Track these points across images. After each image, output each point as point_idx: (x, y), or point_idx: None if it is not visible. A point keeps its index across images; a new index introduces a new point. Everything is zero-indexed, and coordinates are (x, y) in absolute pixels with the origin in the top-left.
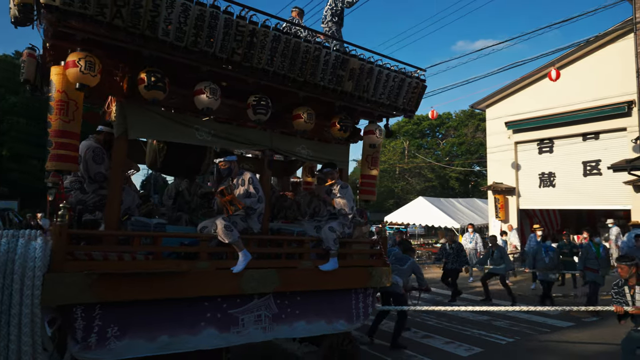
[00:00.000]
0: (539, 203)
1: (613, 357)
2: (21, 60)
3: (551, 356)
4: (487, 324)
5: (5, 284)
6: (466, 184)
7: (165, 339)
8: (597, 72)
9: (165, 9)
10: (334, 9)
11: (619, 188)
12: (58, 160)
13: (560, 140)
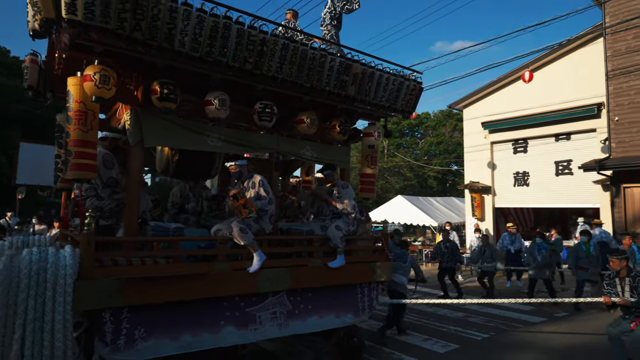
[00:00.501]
0: (513, 202)
1: (582, 348)
2: (24, 66)
3: (524, 350)
4: (463, 321)
5: (38, 292)
6: (444, 183)
7: (187, 338)
8: (569, 75)
9: (182, 21)
10: (333, 12)
11: (589, 187)
12: (78, 170)
13: (534, 140)
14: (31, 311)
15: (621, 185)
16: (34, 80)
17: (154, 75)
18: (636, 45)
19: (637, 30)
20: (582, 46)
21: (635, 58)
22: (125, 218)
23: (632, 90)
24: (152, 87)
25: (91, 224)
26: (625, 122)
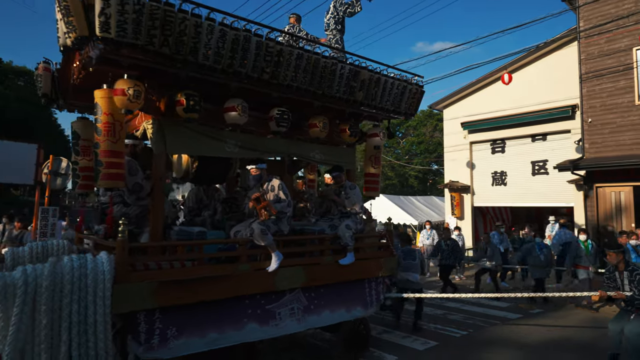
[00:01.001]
0: (491, 200)
1: (554, 343)
2: (37, 74)
3: (500, 346)
4: (442, 318)
5: (80, 297)
6: (425, 182)
7: (214, 335)
8: (545, 77)
9: (206, 36)
10: (336, 17)
11: (564, 186)
12: (109, 179)
13: (511, 140)
14: (75, 314)
15: (594, 184)
16: (48, 87)
17: (176, 87)
18: (608, 49)
19: (609, 34)
20: (558, 49)
21: (607, 62)
22: (151, 223)
23: (604, 93)
24: (178, 99)
25: (125, 231)
26: (597, 124)
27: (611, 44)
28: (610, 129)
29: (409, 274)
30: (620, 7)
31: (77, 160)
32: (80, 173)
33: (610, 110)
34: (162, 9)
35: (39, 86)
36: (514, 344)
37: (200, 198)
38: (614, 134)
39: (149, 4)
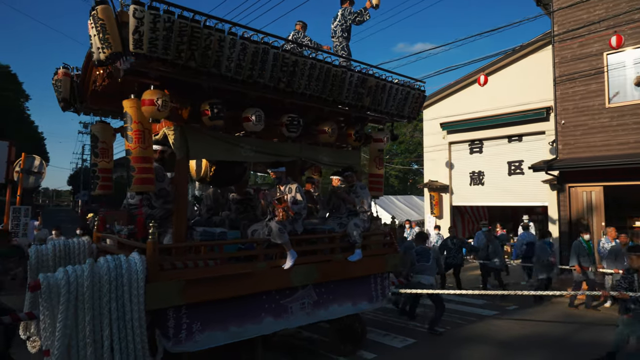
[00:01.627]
0: (469, 200)
1: (529, 338)
2: (56, 79)
3: (477, 342)
4: (421, 316)
5: (117, 295)
6: (405, 181)
7: (235, 329)
8: (521, 79)
9: (228, 49)
10: (343, 25)
11: (538, 186)
12: (141, 184)
13: (488, 141)
14: (114, 311)
15: (566, 184)
16: (67, 92)
17: (197, 96)
18: (581, 53)
19: (581, 39)
20: (534, 52)
21: (580, 65)
22: (175, 225)
23: (577, 96)
24: (203, 108)
25: (155, 233)
26: (570, 126)
27: (583, 49)
28: (582, 131)
29: (422, 276)
30: (592, 13)
31: (97, 162)
32: (100, 174)
33: (582, 112)
34: (189, 25)
35: (59, 91)
36: (489, 340)
37: (217, 198)
38: (586, 136)
39: (178, 22)
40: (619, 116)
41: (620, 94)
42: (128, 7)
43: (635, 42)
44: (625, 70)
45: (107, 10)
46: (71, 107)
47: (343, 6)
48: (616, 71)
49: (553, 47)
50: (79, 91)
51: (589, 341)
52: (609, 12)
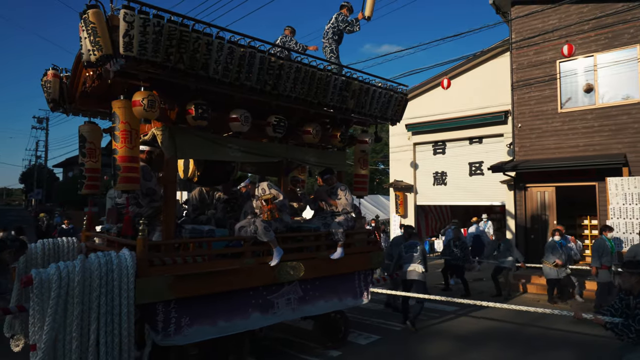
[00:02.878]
0: (433, 199)
1: (484, 332)
2: (45, 80)
3: (437, 337)
4: (385, 313)
5: (107, 290)
6: (372, 181)
7: (223, 324)
8: (482, 83)
9: (216, 52)
10: (336, 28)
11: (497, 186)
12: (127, 182)
13: (451, 143)
14: (103, 306)
15: (522, 185)
16: (56, 93)
17: (186, 97)
18: (536, 60)
19: (537, 47)
20: (493, 58)
21: (535, 72)
22: (164, 223)
23: (532, 101)
24: (188, 108)
25: (145, 230)
26: (526, 129)
27: (538, 56)
28: (537, 134)
29: (415, 265)
30: (546, 22)
31: (84, 162)
32: (87, 174)
33: (537, 116)
34: (178, 29)
35: (48, 92)
36: (448, 334)
37: (203, 198)
38: (540, 139)
39: (167, 25)
40: (570, 121)
41: (571, 100)
42: (118, 11)
43: (585, 51)
44: (577, 77)
45: (98, 14)
46: (60, 108)
47: (340, 11)
48: (568, 78)
49: (511, 54)
50: (68, 92)
51: (541, 334)
52: (562, 23)
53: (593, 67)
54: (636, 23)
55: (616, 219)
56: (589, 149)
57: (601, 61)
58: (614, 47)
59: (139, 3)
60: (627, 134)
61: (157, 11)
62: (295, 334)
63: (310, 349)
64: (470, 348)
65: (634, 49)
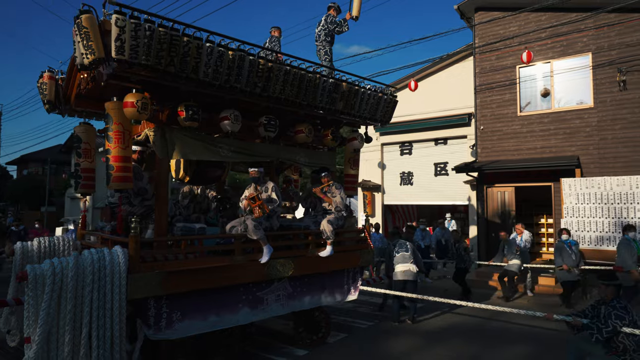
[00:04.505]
0: (400, 199)
1: (446, 328)
2: (41, 82)
3: (401, 333)
4: (352, 311)
5: (100, 285)
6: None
7: (213, 318)
8: (447, 86)
9: (206, 56)
10: (327, 30)
11: (461, 187)
12: (120, 181)
13: (417, 143)
14: (95, 301)
15: (484, 185)
16: (52, 95)
17: (177, 99)
18: (497, 65)
19: (498, 52)
20: (458, 62)
21: (496, 76)
22: (156, 221)
23: (494, 104)
24: (179, 110)
25: (137, 228)
26: (488, 131)
27: (500, 61)
28: (498, 136)
29: (407, 265)
30: (507, 29)
31: (79, 162)
32: (82, 174)
33: (498, 119)
34: (169, 34)
35: (44, 93)
36: (412, 330)
37: (194, 196)
38: (501, 141)
39: (158, 30)
40: (529, 124)
41: (530, 104)
42: (110, 16)
43: (543, 57)
44: (535, 82)
45: (91, 19)
46: (56, 109)
47: (328, 12)
48: (527, 83)
49: (474, 58)
50: (64, 94)
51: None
52: (522, 30)
53: (550, 73)
54: (588, 32)
55: (569, 218)
56: (546, 151)
57: (557, 68)
58: (568, 55)
59: (130, 9)
60: (579, 137)
61: (148, 16)
62: (262, 332)
63: (277, 349)
64: (436, 343)
65: (586, 56)
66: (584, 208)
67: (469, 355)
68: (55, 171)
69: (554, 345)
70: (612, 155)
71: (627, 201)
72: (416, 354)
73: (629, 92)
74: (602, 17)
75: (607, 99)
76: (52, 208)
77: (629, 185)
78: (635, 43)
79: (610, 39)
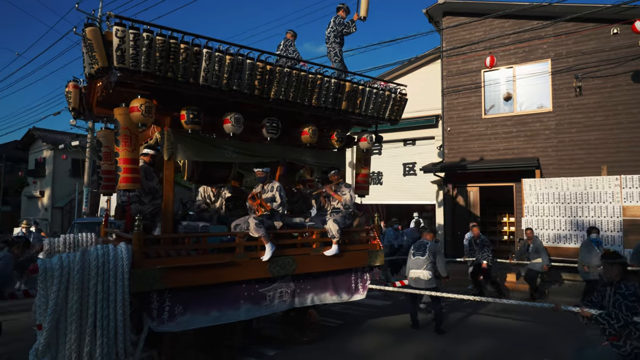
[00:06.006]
0: (370, 198)
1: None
2: (67, 91)
3: (370, 330)
4: (325, 310)
5: (104, 278)
6: None
7: (215, 313)
8: (416, 88)
9: (205, 61)
10: (335, 31)
11: (428, 186)
12: (127, 182)
13: (387, 144)
14: (100, 292)
15: (451, 185)
16: (76, 102)
17: (182, 103)
18: (464, 68)
19: (464, 56)
20: (427, 64)
21: (462, 79)
22: (163, 219)
23: (460, 106)
24: (181, 113)
25: (140, 226)
26: (455, 133)
27: (466, 65)
28: (464, 138)
29: (419, 271)
30: (473, 34)
31: (100, 165)
32: (103, 175)
33: (464, 121)
34: (167, 41)
35: (69, 101)
36: (381, 327)
37: (207, 196)
38: (467, 142)
39: (156, 39)
40: (493, 126)
41: (494, 107)
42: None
43: (506, 62)
44: (499, 86)
45: (95, 31)
46: (81, 116)
47: (337, 14)
48: (491, 87)
49: (442, 62)
50: (86, 101)
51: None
52: (487, 35)
53: (512, 77)
54: (548, 40)
55: (530, 217)
56: (509, 152)
57: (519, 73)
58: (530, 61)
59: (131, 20)
60: (539, 140)
61: (147, 26)
62: None
63: (245, 348)
64: (405, 340)
65: (546, 62)
66: (544, 207)
67: None
68: (10, 169)
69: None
70: (569, 157)
71: (582, 201)
72: (386, 350)
73: (584, 97)
74: (561, 26)
75: (564, 104)
76: (8, 207)
77: (584, 185)
78: (590, 51)
79: (568, 46)
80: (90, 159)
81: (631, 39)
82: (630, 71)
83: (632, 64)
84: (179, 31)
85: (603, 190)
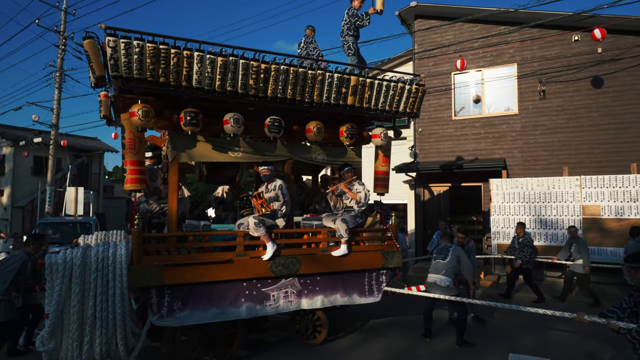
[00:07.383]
0: None
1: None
2: (99, 100)
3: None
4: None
5: (103, 274)
6: None
7: (214, 310)
8: None
9: (197, 64)
10: (349, 23)
11: (401, 186)
12: (132, 183)
13: None
14: (99, 287)
15: (422, 185)
16: (107, 110)
17: (182, 106)
18: (434, 70)
19: (435, 59)
20: (400, 65)
21: (434, 81)
22: (168, 218)
23: (431, 108)
24: (180, 115)
25: (140, 224)
26: (426, 134)
27: (437, 67)
28: (434, 139)
29: (436, 276)
30: (444, 37)
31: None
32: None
33: (435, 122)
34: (157, 48)
35: (100, 109)
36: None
37: (222, 195)
38: (437, 143)
39: (147, 46)
40: (462, 127)
41: (464, 109)
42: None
43: (475, 66)
44: (468, 89)
45: (92, 44)
46: (112, 123)
47: (351, 5)
48: (461, 89)
49: (414, 63)
50: (115, 108)
51: None
52: (457, 39)
53: (481, 80)
54: (514, 45)
55: (497, 216)
56: (477, 153)
57: (487, 76)
58: (497, 64)
59: (123, 30)
60: (506, 141)
61: (139, 35)
62: None
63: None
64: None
65: (512, 67)
66: (510, 207)
67: None
68: None
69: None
70: (533, 158)
71: (545, 200)
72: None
73: (548, 101)
74: (527, 32)
75: (529, 107)
76: None
77: (547, 185)
78: (553, 57)
79: (533, 51)
80: (53, 156)
81: (591, 46)
82: (589, 77)
83: (592, 69)
84: (168, 37)
85: (565, 190)
